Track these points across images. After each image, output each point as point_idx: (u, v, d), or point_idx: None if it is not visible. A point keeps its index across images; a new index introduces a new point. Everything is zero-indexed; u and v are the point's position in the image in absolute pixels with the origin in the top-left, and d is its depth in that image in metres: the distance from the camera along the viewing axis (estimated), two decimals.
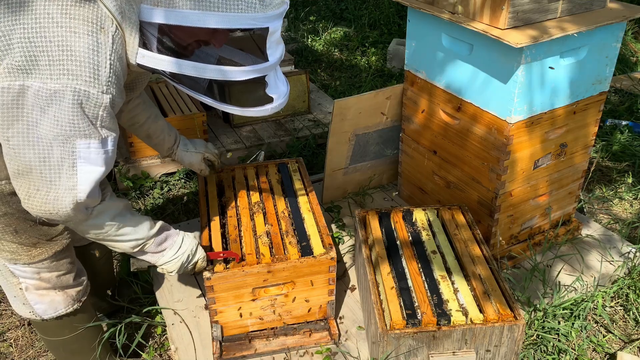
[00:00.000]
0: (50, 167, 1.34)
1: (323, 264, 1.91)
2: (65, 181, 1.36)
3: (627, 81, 4.22)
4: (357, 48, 5.18)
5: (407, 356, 1.76)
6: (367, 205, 2.82)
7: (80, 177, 1.36)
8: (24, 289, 1.70)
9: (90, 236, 1.55)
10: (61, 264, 1.72)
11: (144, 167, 3.18)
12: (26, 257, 1.63)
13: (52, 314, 1.77)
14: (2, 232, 1.57)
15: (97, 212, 1.49)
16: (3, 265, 1.66)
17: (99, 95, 1.30)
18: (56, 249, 1.68)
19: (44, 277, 1.70)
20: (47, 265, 1.68)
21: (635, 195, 3.10)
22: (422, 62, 2.35)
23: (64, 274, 1.74)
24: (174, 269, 1.75)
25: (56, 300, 1.76)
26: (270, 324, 2.02)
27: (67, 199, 1.37)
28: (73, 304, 1.80)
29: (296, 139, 3.50)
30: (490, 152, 2.16)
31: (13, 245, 1.60)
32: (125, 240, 1.60)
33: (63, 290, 1.76)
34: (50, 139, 1.31)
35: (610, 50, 2.15)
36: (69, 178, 1.36)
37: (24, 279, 1.69)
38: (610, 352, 2.18)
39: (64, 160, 1.34)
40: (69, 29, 1.26)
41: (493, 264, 1.95)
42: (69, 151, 1.33)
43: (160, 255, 1.71)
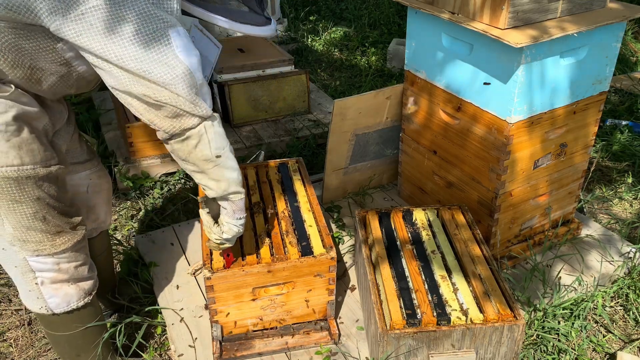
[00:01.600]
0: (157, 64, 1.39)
1: (323, 264, 1.91)
2: (176, 71, 1.41)
3: (627, 81, 4.23)
4: (357, 48, 5.18)
5: (407, 356, 1.76)
6: (367, 205, 2.82)
7: (187, 62, 1.42)
8: (39, 283, 1.73)
9: (210, 152, 1.56)
10: (79, 254, 1.77)
11: (144, 167, 3.19)
12: (50, 247, 1.67)
13: (64, 308, 1.80)
14: (33, 219, 1.60)
15: (218, 121, 1.55)
16: (23, 260, 1.68)
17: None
18: (77, 239, 1.73)
19: (63, 268, 1.74)
20: (67, 256, 1.73)
21: (635, 195, 3.10)
22: (422, 62, 2.35)
23: (81, 264, 1.79)
24: (232, 234, 1.74)
25: (69, 294, 1.79)
26: (270, 324, 2.02)
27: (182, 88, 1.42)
28: (84, 297, 1.83)
29: (296, 139, 3.50)
30: (490, 152, 2.16)
31: (39, 235, 1.64)
32: (233, 167, 1.62)
33: (76, 283, 1.80)
34: (147, 39, 1.36)
35: (610, 50, 2.15)
36: (179, 66, 1.41)
37: (42, 272, 1.71)
38: (610, 352, 2.18)
39: (168, 52, 1.39)
40: None
41: (493, 264, 1.95)
42: (167, 43, 1.39)
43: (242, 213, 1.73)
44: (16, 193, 1.54)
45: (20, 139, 1.50)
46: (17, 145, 1.50)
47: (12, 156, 1.49)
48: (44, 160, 1.57)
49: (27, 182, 1.54)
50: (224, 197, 1.67)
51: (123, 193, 3.12)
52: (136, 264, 2.51)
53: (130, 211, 3.00)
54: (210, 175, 1.61)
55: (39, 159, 1.55)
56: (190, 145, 1.54)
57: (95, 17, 1.32)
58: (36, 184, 1.57)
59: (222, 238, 1.76)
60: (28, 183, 1.55)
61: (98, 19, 1.32)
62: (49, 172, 1.59)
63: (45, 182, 1.59)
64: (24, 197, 1.56)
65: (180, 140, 1.54)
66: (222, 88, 3.50)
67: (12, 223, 1.59)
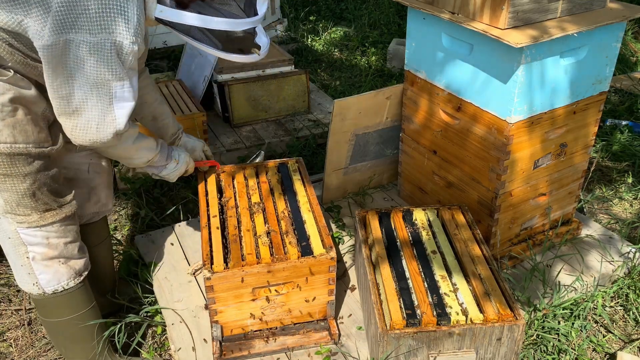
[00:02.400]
0: (92, 108, 1.60)
1: (323, 264, 1.91)
2: (107, 117, 1.63)
3: (627, 81, 4.23)
4: (357, 48, 5.18)
5: (407, 356, 1.76)
6: (367, 205, 2.82)
7: (117, 112, 1.64)
8: (30, 258, 1.79)
9: (117, 154, 1.86)
10: (68, 230, 1.84)
11: None
12: (39, 219, 1.75)
13: (55, 286, 1.85)
14: (22, 195, 1.69)
15: (124, 137, 1.76)
16: (15, 232, 1.76)
17: (130, 45, 1.56)
18: (65, 214, 1.81)
19: (53, 242, 1.80)
20: (56, 230, 1.80)
21: (635, 195, 3.10)
22: (422, 62, 2.35)
23: (70, 241, 1.85)
24: (172, 178, 2.11)
25: (60, 272, 1.85)
26: (270, 324, 2.02)
27: (109, 129, 1.65)
28: (75, 277, 1.88)
29: (296, 139, 3.50)
30: (490, 152, 2.16)
31: (28, 210, 1.73)
32: (141, 156, 1.93)
33: (67, 262, 1.85)
34: (91, 84, 1.57)
35: (610, 50, 2.15)
36: (109, 114, 1.63)
37: (33, 246, 1.78)
38: (610, 352, 2.18)
39: (104, 101, 1.61)
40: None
41: (493, 264, 1.95)
42: (107, 93, 1.60)
43: (163, 168, 2.05)
44: (7, 168, 1.65)
45: (14, 119, 1.61)
46: (11, 124, 1.61)
47: (5, 134, 1.60)
48: (37, 141, 1.67)
49: (18, 158, 1.65)
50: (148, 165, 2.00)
51: (123, 193, 3.12)
52: (136, 264, 2.51)
53: (130, 211, 3.00)
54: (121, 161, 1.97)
55: (31, 140, 1.66)
56: None
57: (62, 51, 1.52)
58: (27, 161, 1.67)
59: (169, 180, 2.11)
60: (20, 159, 1.65)
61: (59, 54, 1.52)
62: (41, 152, 1.69)
63: (37, 160, 1.69)
64: (14, 172, 1.66)
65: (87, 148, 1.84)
66: (222, 88, 3.50)
67: (4, 196, 1.69)
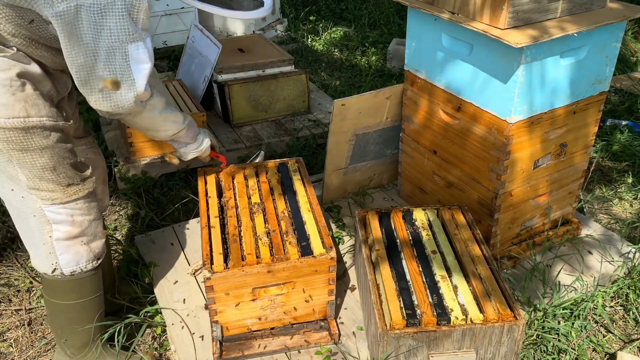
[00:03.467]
0: (112, 72, 1.57)
1: (323, 264, 1.91)
2: (126, 80, 1.61)
3: (627, 81, 4.23)
4: (357, 48, 5.18)
5: (407, 356, 1.76)
6: (367, 205, 2.82)
7: (136, 74, 1.61)
8: (54, 237, 1.80)
9: (143, 124, 1.85)
10: (92, 207, 1.85)
11: (144, 167, 3.19)
12: (62, 195, 1.75)
13: (73, 267, 1.86)
14: (43, 169, 1.69)
15: (150, 106, 1.76)
16: (39, 210, 1.76)
17: (141, 1, 1.52)
18: (88, 189, 1.82)
19: (77, 220, 1.81)
20: (80, 207, 1.80)
21: (635, 195, 3.10)
22: (422, 62, 2.35)
23: (94, 219, 1.86)
24: (187, 157, 2.13)
25: (80, 253, 1.85)
26: (270, 324, 2.02)
27: (129, 94, 1.62)
28: (93, 261, 1.89)
29: (296, 139, 3.50)
30: (490, 152, 2.16)
31: (51, 185, 1.72)
32: (167, 129, 1.93)
33: (88, 244, 1.87)
34: (107, 49, 1.53)
35: (610, 50, 2.15)
36: (128, 77, 1.60)
37: (57, 224, 1.78)
38: (610, 352, 2.18)
39: (121, 65, 1.57)
40: None
41: (493, 264, 1.95)
42: (123, 56, 1.56)
43: (184, 145, 2.08)
44: (24, 142, 1.63)
45: (25, 94, 1.60)
46: (22, 99, 1.59)
47: (18, 108, 1.59)
48: (49, 115, 1.66)
49: (34, 131, 1.63)
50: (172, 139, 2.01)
51: (123, 193, 3.12)
52: (136, 264, 2.51)
53: (130, 211, 3.00)
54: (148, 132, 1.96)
55: (44, 113, 1.65)
56: None
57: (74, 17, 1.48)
58: (43, 134, 1.65)
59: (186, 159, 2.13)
60: (35, 132, 1.64)
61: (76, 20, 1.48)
62: (56, 124, 1.68)
63: (52, 132, 1.68)
64: (32, 146, 1.65)
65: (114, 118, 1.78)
66: (222, 88, 3.49)
67: (25, 173, 1.68)
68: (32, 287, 2.59)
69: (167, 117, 1.87)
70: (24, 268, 2.67)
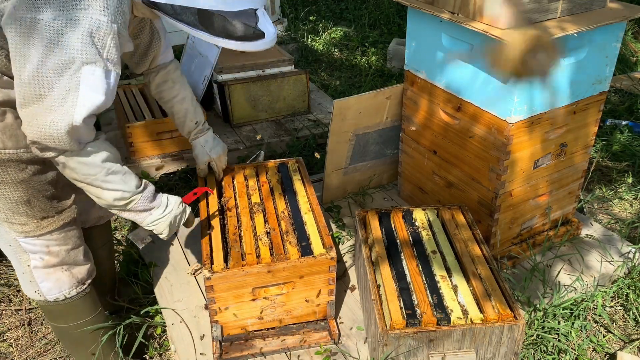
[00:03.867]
0: (54, 92, 1.40)
1: (323, 264, 1.91)
2: (65, 104, 1.41)
3: (627, 81, 4.23)
4: (357, 48, 5.18)
5: (407, 356, 1.76)
6: (367, 205, 2.82)
7: (80, 100, 1.41)
8: (32, 266, 1.74)
9: (78, 177, 1.57)
10: (69, 236, 1.77)
11: (144, 167, 3.18)
12: (36, 229, 1.68)
13: (56, 294, 1.80)
14: (17, 203, 1.62)
15: (90, 149, 1.54)
16: (14, 240, 1.70)
17: (108, 24, 1.38)
18: (64, 221, 1.73)
19: (53, 250, 1.74)
20: (55, 238, 1.73)
21: (635, 195, 3.10)
22: (422, 62, 2.35)
23: (72, 248, 1.79)
24: (163, 229, 1.78)
25: (61, 280, 1.80)
26: (270, 324, 2.02)
27: (64, 121, 1.42)
28: (77, 286, 1.83)
29: (296, 139, 3.50)
30: (490, 152, 2.16)
31: (24, 218, 1.65)
32: (112, 189, 1.61)
33: (70, 270, 1.80)
34: (59, 67, 1.38)
35: (610, 50, 2.15)
36: (69, 101, 1.41)
37: (34, 254, 1.73)
38: (610, 352, 2.18)
39: (68, 85, 1.40)
40: None
41: (493, 263, 1.95)
42: (73, 76, 1.39)
43: (148, 214, 1.74)
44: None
45: (3, 124, 1.53)
46: (0, 129, 1.52)
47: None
48: (28, 146, 1.55)
49: (9, 164, 1.57)
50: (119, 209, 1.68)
51: None
52: (136, 264, 2.51)
53: None
54: (91, 195, 1.64)
55: (22, 145, 1.56)
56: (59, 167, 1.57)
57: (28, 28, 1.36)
58: (19, 167, 1.58)
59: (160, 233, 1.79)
60: (10, 166, 1.57)
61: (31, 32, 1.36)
62: (34, 156, 1.58)
63: (30, 165, 1.60)
64: (5, 180, 1.58)
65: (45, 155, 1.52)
66: (222, 88, 3.49)
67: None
68: None
69: (111, 170, 1.59)
70: None
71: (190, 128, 2.13)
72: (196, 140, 2.17)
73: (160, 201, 1.77)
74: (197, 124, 2.13)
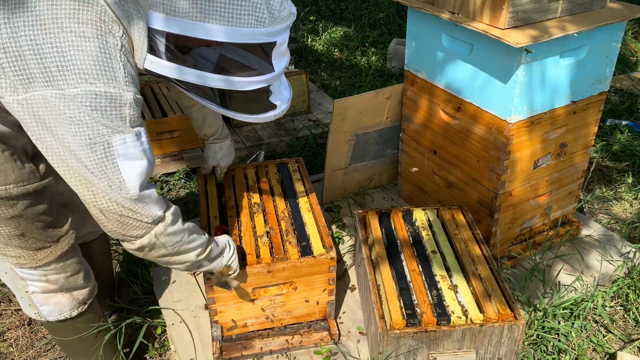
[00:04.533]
0: (93, 172, 1.30)
1: (323, 264, 1.91)
2: (112, 181, 1.31)
3: (627, 81, 4.23)
4: (357, 48, 5.18)
5: (407, 356, 1.76)
6: (367, 205, 2.82)
7: (125, 174, 1.32)
8: (29, 292, 1.69)
9: (168, 251, 1.49)
10: (68, 264, 1.71)
11: None
12: (31, 262, 1.62)
13: (57, 316, 1.77)
14: (9, 237, 1.54)
15: (172, 216, 1.45)
16: (10, 269, 1.65)
17: (121, 93, 1.27)
18: (62, 250, 1.65)
19: (52, 279, 1.69)
20: (53, 268, 1.67)
21: (635, 195, 3.10)
22: (422, 62, 2.35)
23: (71, 274, 1.73)
24: (237, 265, 1.74)
25: (61, 303, 1.75)
26: (270, 324, 2.02)
27: (120, 197, 1.33)
28: (78, 307, 1.79)
29: (296, 139, 3.50)
30: (490, 152, 2.16)
31: (18, 251, 1.58)
32: (195, 248, 1.55)
33: (70, 292, 1.75)
34: (85, 144, 1.27)
35: (610, 50, 2.15)
36: (115, 176, 1.31)
37: (32, 281, 1.67)
38: (610, 352, 2.18)
39: (105, 161, 1.30)
40: (78, 33, 1.22)
41: (493, 263, 1.95)
42: (106, 151, 1.29)
43: (221, 258, 1.68)
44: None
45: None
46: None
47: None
48: (18, 180, 1.47)
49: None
50: (199, 264, 1.63)
51: None
52: (136, 264, 2.51)
53: None
54: (173, 265, 1.57)
55: (12, 179, 1.46)
56: (144, 252, 1.48)
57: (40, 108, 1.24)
58: (8, 204, 1.48)
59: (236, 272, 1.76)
60: (0, 204, 1.47)
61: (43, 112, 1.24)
62: (25, 190, 1.49)
63: (21, 200, 1.50)
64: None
65: (131, 247, 1.45)
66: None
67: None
68: None
69: (188, 228, 1.52)
70: None
71: (208, 134, 2.12)
72: (211, 145, 2.17)
73: (220, 241, 1.71)
74: (214, 132, 2.12)
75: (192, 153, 3.33)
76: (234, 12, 1.27)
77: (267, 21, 1.31)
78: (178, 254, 1.52)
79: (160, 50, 1.33)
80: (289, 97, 1.56)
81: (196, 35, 1.29)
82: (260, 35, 1.32)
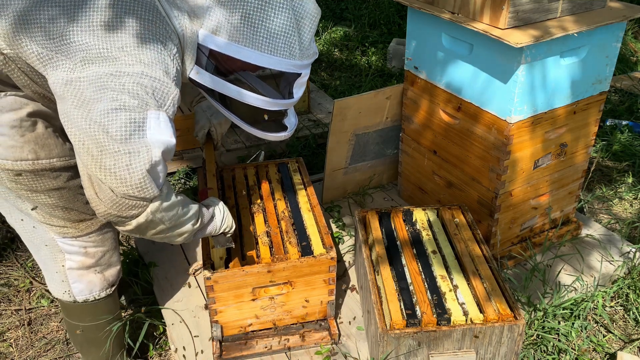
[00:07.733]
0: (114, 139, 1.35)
1: (323, 264, 1.91)
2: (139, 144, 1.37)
3: (627, 81, 4.22)
4: (357, 48, 5.18)
5: (407, 356, 1.76)
6: (367, 205, 2.82)
7: (151, 140, 1.39)
8: (67, 266, 1.77)
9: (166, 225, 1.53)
10: (107, 238, 1.81)
11: None
12: (74, 230, 1.72)
13: (86, 295, 1.84)
14: (54, 207, 1.65)
15: (166, 190, 1.51)
16: (52, 240, 1.73)
17: (170, 84, 1.42)
18: (101, 222, 1.76)
19: (90, 252, 1.78)
20: (93, 240, 1.77)
21: (635, 195, 3.10)
22: (423, 62, 2.35)
23: (108, 249, 1.82)
24: (231, 221, 1.78)
25: (93, 282, 1.83)
26: (270, 324, 2.02)
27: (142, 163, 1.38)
28: (107, 288, 1.88)
29: (296, 139, 3.50)
30: (491, 152, 2.16)
31: (61, 222, 1.69)
32: (190, 218, 1.60)
33: (102, 272, 1.84)
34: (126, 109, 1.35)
35: (610, 50, 2.15)
36: (141, 141, 1.37)
37: (70, 254, 1.76)
38: (610, 352, 2.18)
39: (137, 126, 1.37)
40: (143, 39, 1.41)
41: (493, 263, 1.95)
42: (141, 119, 1.37)
43: (214, 220, 1.73)
44: (33, 184, 1.58)
45: (35, 134, 1.54)
46: (32, 140, 1.53)
47: (27, 150, 1.53)
48: (61, 154, 1.59)
49: (43, 174, 1.58)
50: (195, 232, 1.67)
51: None
52: (136, 264, 2.51)
53: None
54: (171, 239, 1.61)
55: (55, 154, 1.58)
56: (141, 231, 1.52)
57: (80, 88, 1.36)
58: (52, 175, 1.60)
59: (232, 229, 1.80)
60: (45, 175, 1.59)
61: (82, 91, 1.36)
62: (67, 164, 1.61)
63: (63, 172, 1.62)
64: (41, 188, 1.60)
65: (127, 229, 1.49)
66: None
67: (35, 209, 1.65)
68: (32, 287, 2.59)
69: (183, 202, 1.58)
70: (24, 268, 2.67)
71: (194, 94, 2.08)
72: (198, 105, 2.11)
73: (207, 204, 1.75)
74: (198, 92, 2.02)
75: (192, 153, 3.32)
76: (273, 43, 1.52)
77: (298, 55, 1.56)
78: (176, 227, 1.57)
79: (203, 64, 1.56)
80: (295, 123, 1.81)
81: (239, 57, 1.53)
82: (290, 66, 1.57)
